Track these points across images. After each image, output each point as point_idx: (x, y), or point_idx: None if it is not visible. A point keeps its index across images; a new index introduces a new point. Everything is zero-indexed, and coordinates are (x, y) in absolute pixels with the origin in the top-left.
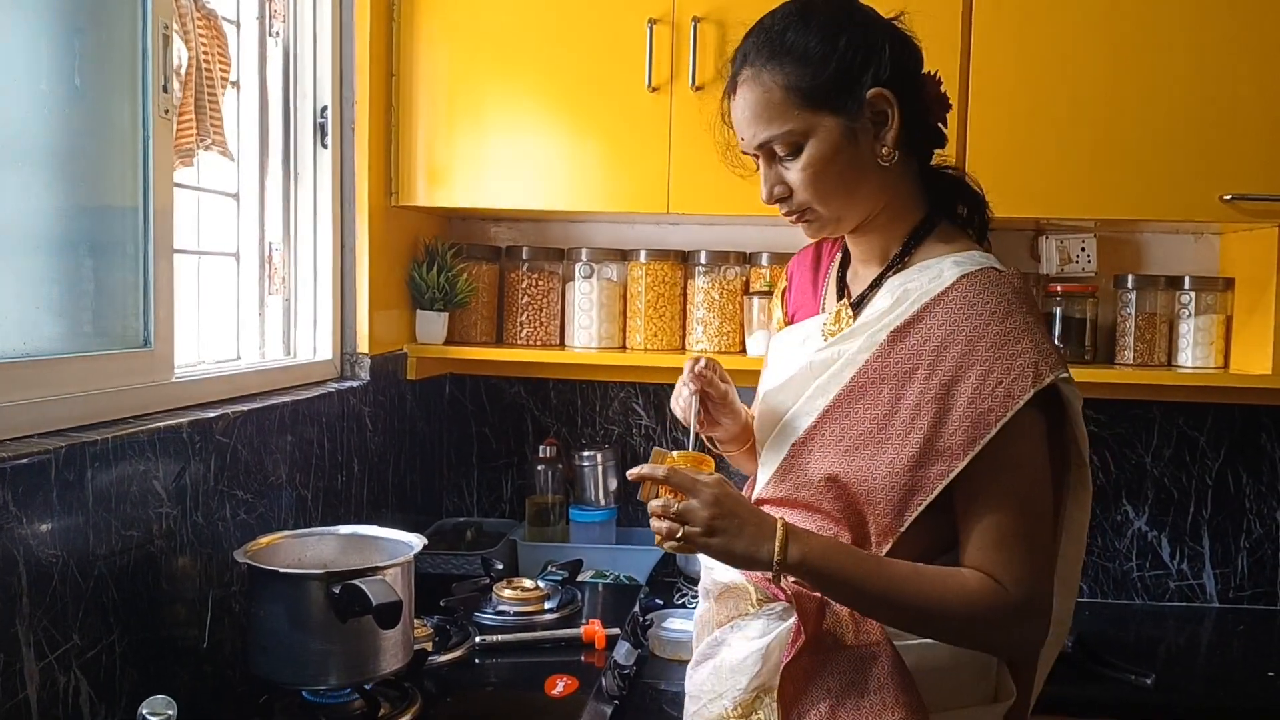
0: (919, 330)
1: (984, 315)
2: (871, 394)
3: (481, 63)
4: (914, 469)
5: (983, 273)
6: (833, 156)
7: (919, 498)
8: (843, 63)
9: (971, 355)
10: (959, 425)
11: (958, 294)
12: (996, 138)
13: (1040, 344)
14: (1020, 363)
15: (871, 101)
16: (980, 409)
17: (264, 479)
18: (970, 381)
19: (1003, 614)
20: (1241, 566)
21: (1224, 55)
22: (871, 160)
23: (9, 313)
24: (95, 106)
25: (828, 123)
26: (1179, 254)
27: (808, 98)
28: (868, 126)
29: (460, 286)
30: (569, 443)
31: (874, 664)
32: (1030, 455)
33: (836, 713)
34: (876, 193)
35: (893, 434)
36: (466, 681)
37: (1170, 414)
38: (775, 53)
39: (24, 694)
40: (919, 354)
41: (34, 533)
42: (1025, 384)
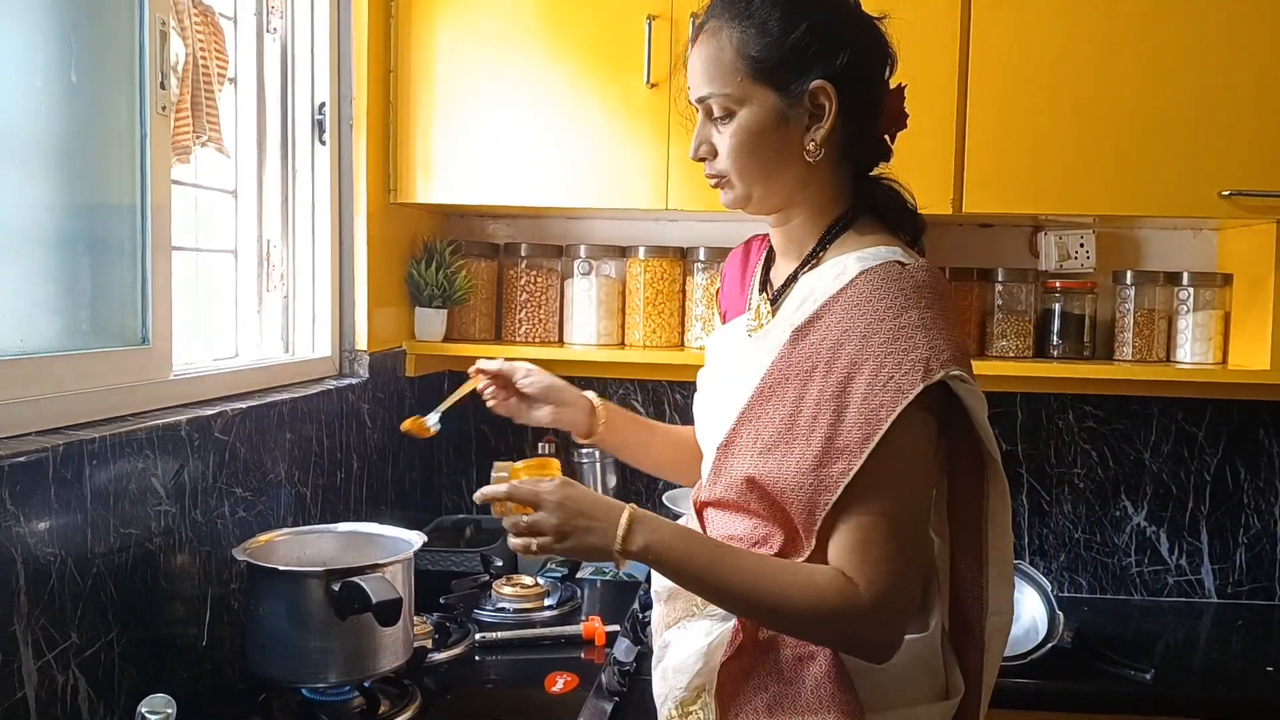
0: (818, 328)
1: (879, 310)
2: (778, 395)
3: (480, 59)
4: (818, 468)
5: (884, 267)
6: (759, 133)
7: (825, 496)
8: (797, 44)
9: (865, 351)
10: (854, 422)
11: (855, 290)
12: (995, 134)
13: (935, 340)
14: (911, 358)
15: (812, 92)
16: (872, 404)
17: (263, 476)
18: (864, 378)
19: (850, 614)
20: (1240, 562)
21: (1222, 51)
22: (797, 150)
23: (6, 310)
24: (92, 103)
25: (765, 98)
26: (1177, 250)
27: (754, 66)
28: (803, 116)
29: (459, 283)
30: (567, 439)
31: (811, 663)
32: (910, 456)
33: (773, 711)
34: (796, 183)
35: (798, 434)
36: (466, 679)
37: (1169, 410)
38: (739, 13)
39: (22, 693)
40: (818, 352)
41: (32, 531)
42: (914, 379)
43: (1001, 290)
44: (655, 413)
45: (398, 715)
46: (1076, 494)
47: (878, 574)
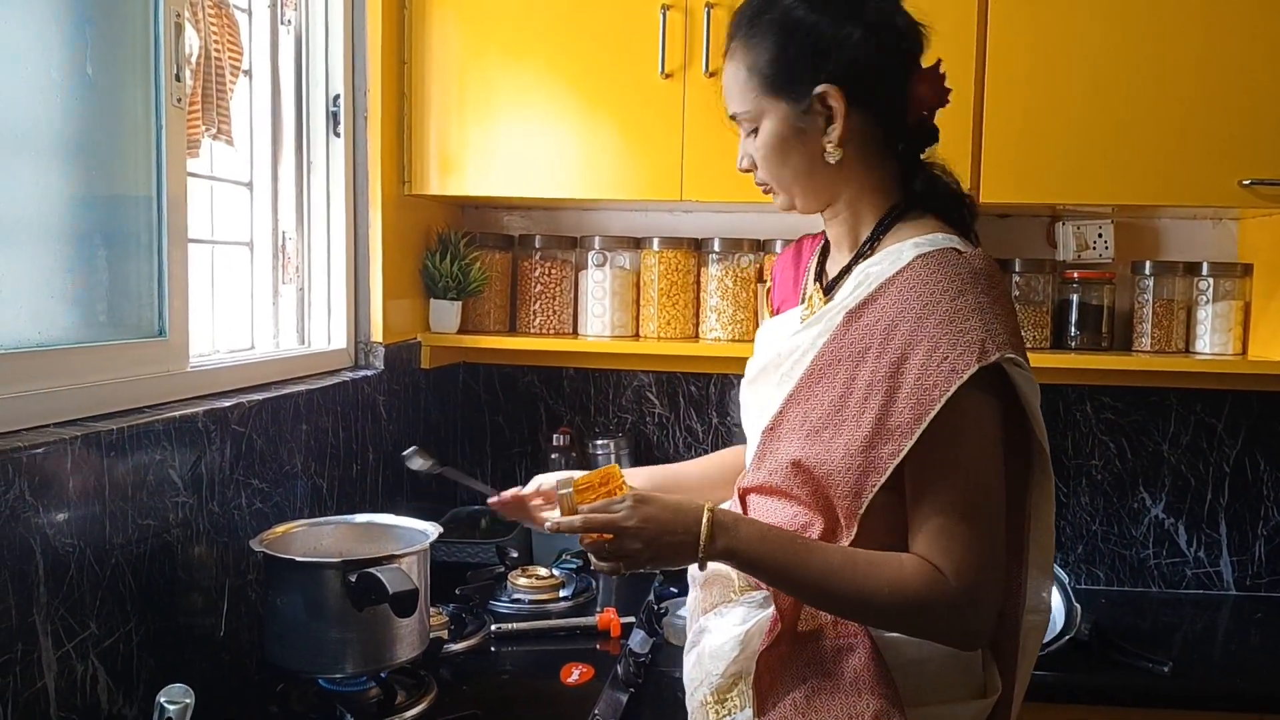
0: (872, 311)
1: (935, 293)
2: (829, 377)
3: (493, 50)
4: (867, 449)
5: (940, 253)
6: (780, 143)
7: (873, 478)
8: (799, 53)
9: (920, 332)
10: (906, 403)
11: (911, 273)
12: (1012, 123)
13: (990, 324)
14: (966, 339)
15: (819, 97)
16: (925, 385)
17: (279, 468)
18: (918, 359)
19: (940, 603)
20: (1259, 554)
21: (1242, 39)
22: (819, 154)
23: (24, 303)
24: (107, 96)
25: (778, 110)
26: (1197, 240)
27: (765, 81)
28: (817, 120)
29: (473, 275)
30: (582, 431)
31: (850, 655)
32: (976, 439)
33: (811, 701)
34: (833, 182)
35: (848, 416)
36: (482, 669)
37: (1188, 401)
38: (749, 32)
39: (42, 683)
40: (871, 334)
41: (50, 522)
42: (969, 360)
43: (1019, 281)
44: (669, 405)
45: (414, 706)
46: (1094, 486)
47: (964, 561)
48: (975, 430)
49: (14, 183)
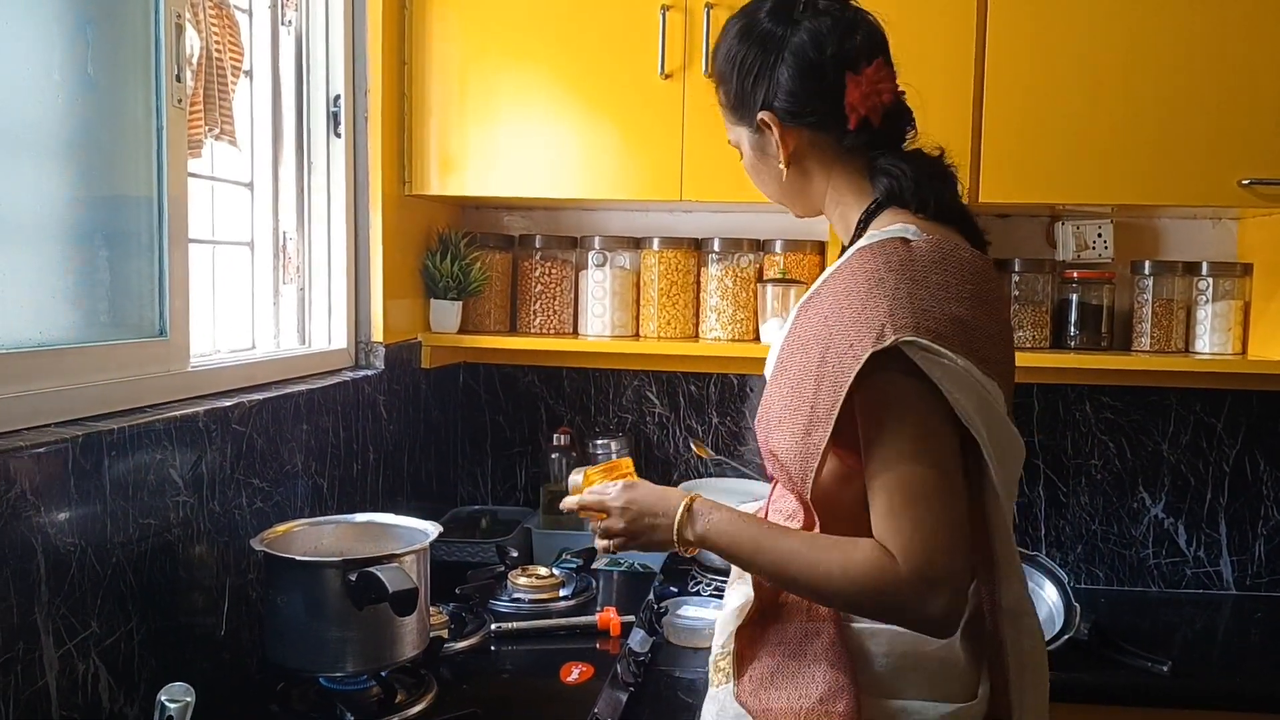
0: (815, 303)
1: (856, 282)
2: (786, 369)
3: (494, 51)
4: (804, 436)
5: (881, 243)
6: (752, 164)
7: (810, 463)
8: (740, 84)
9: (836, 320)
10: (825, 390)
11: (847, 265)
12: (1012, 123)
13: (899, 307)
14: (870, 325)
15: (760, 122)
16: (836, 371)
17: (280, 467)
18: (834, 346)
19: (888, 585)
20: (1259, 553)
21: (1241, 38)
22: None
23: (26, 303)
24: (108, 96)
25: (743, 134)
26: (1196, 239)
27: (729, 112)
28: (769, 141)
29: (474, 275)
30: (583, 431)
31: (816, 638)
32: (909, 422)
33: (775, 676)
34: (804, 192)
35: (796, 404)
36: (482, 668)
37: (1187, 400)
38: (715, 69)
39: (43, 681)
40: (811, 326)
41: (52, 521)
42: (866, 344)
43: (1018, 280)
44: (669, 404)
45: (414, 704)
46: (1094, 485)
47: (911, 542)
48: (904, 413)
49: (15, 183)
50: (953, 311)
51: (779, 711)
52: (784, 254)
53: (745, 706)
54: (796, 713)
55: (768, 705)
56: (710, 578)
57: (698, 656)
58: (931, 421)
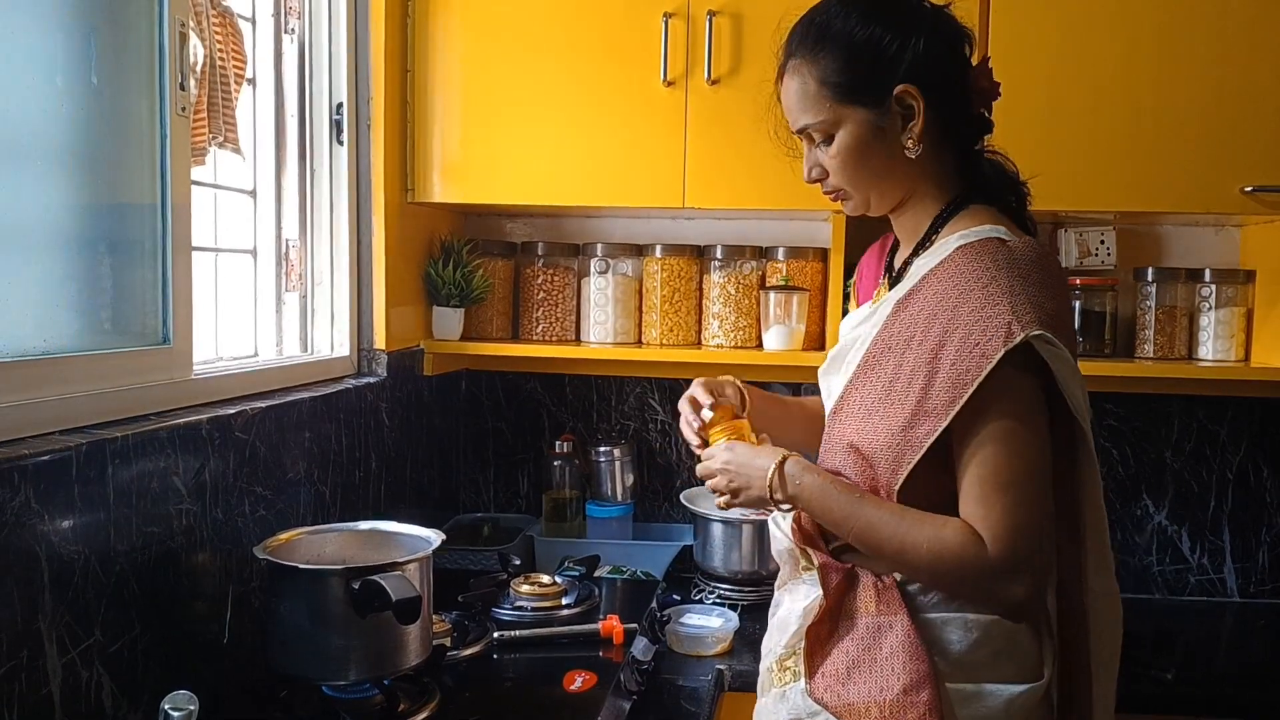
0: (916, 301)
1: (970, 281)
2: (881, 363)
3: (496, 59)
4: (906, 429)
5: (982, 242)
6: (860, 148)
7: (909, 455)
8: (872, 59)
9: (954, 320)
10: (943, 386)
11: (950, 264)
12: (1014, 130)
13: (1019, 306)
14: (995, 323)
15: (898, 97)
16: (959, 369)
17: (282, 475)
18: (953, 345)
19: (974, 564)
20: (1262, 561)
21: (1244, 45)
22: (899, 152)
23: (29, 310)
24: (112, 104)
25: (857, 115)
26: (1199, 246)
27: (838, 91)
28: (895, 121)
29: (476, 282)
30: (585, 438)
31: (889, 632)
32: (1012, 413)
33: (851, 673)
34: (905, 179)
35: (894, 399)
36: (485, 676)
37: (1190, 408)
38: (814, 46)
39: (47, 689)
40: (915, 323)
41: (56, 529)
42: (997, 344)
43: None
44: (672, 412)
45: (417, 713)
46: None
47: (1001, 528)
48: (1010, 404)
49: (19, 191)
50: (1056, 308)
51: (861, 706)
52: (787, 261)
53: (823, 704)
54: (880, 705)
55: (849, 700)
56: (713, 585)
57: (701, 665)
58: (1032, 414)
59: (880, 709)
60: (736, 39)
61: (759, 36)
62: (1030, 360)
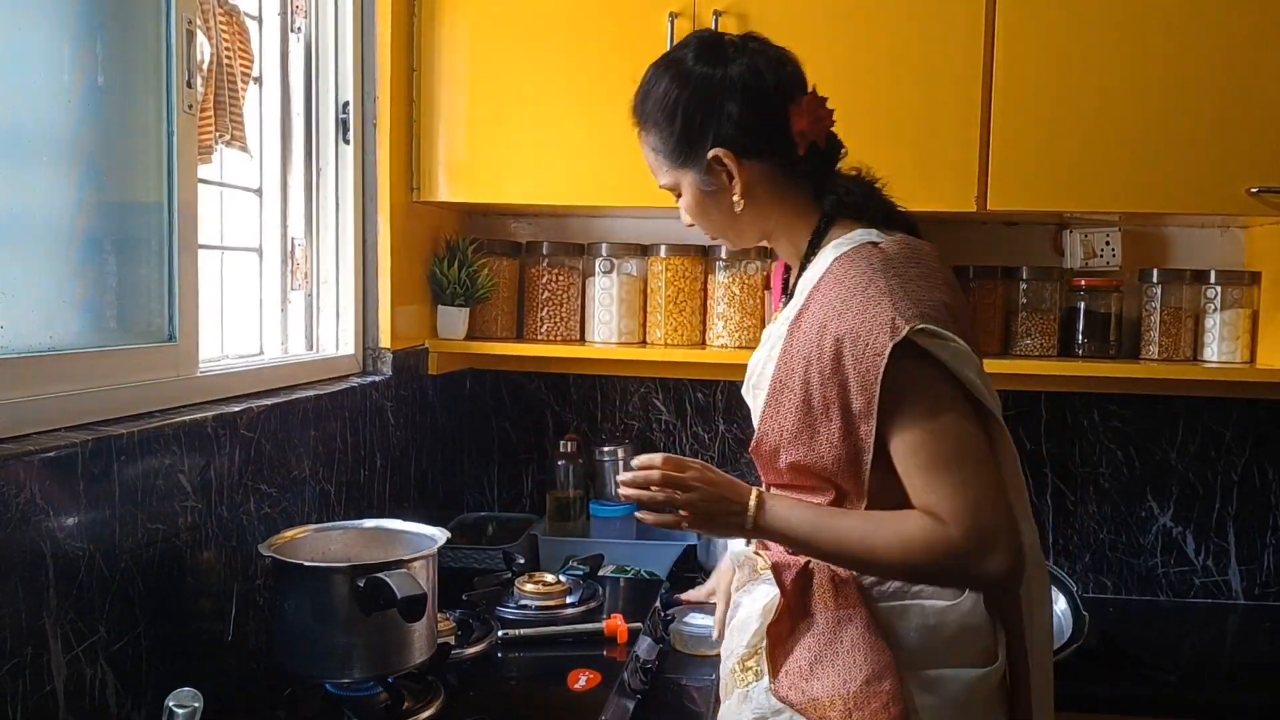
0: (806, 317)
1: (850, 287)
2: (789, 386)
3: (502, 58)
4: (847, 436)
5: (855, 249)
6: (698, 204)
7: (865, 456)
8: (684, 129)
9: (843, 325)
10: (856, 390)
11: (830, 275)
12: (1020, 131)
13: (899, 301)
14: (879, 321)
15: (713, 160)
16: (861, 370)
17: (287, 473)
18: (847, 349)
19: (944, 550)
20: (1267, 563)
21: (1250, 47)
22: (731, 205)
23: (35, 308)
24: (119, 102)
25: (687, 178)
26: (1205, 248)
27: (668, 158)
28: (720, 177)
29: (481, 282)
30: (589, 438)
31: (849, 625)
32: (929, 398)
33: (814, 668)
34: (754, 222)
35: (817, 415)
36: (489, 675)
37: (1195, 409)
38: (642, 117)
39: (51, 686)
40: (809, 338)
41: (61, 526)
42: (884, 339)
43: (1026, 289)
44: (676, 412)
45: (421, 711)
46: (1102, 494)
47: (955, 503)
48: (923, 391)
49: (26, 188)
50: (937, 297)
51: (825, 700)
52: None
53: (787, 701)
54: (845, 698)
55: (813, 695)
56: None
57: (705, 664)
58: (945, 396)
59: (845, 701)
60: None
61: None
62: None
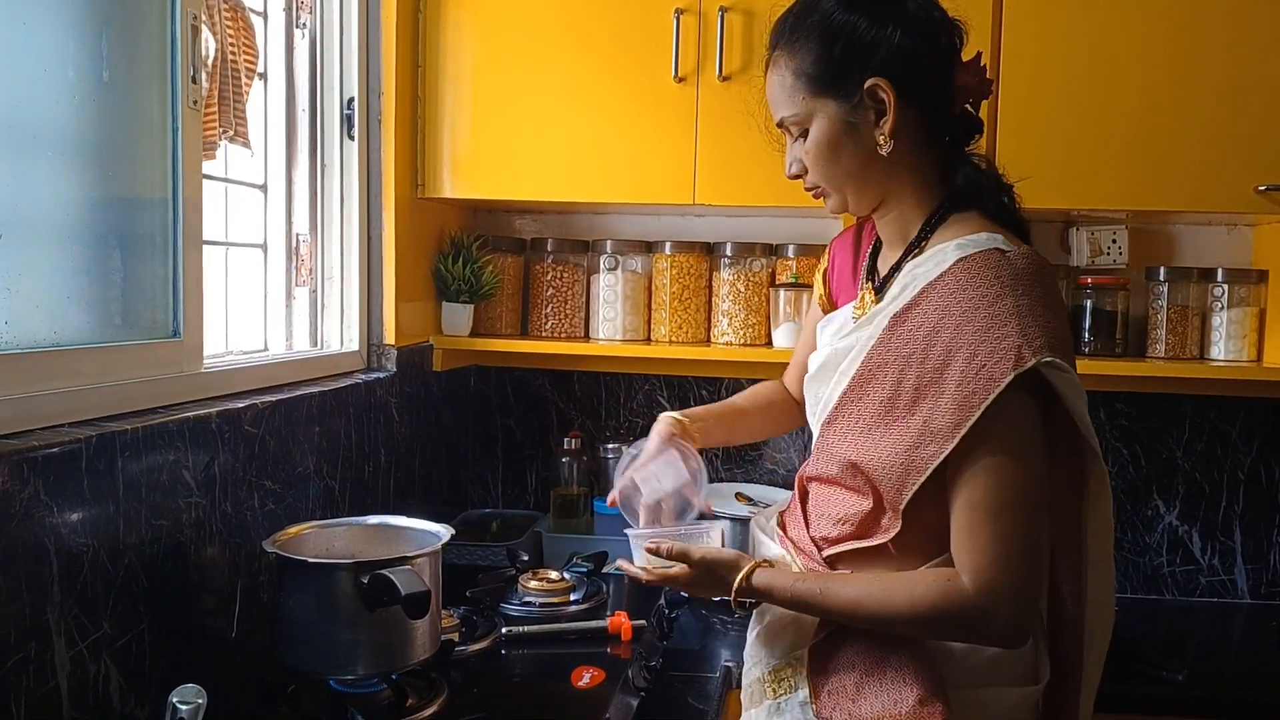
0: (916, 315)
1: (974, 298)
2: (878, 379)
3: (507, 54)
4: (911, 450)
5: (982, 255)
6: (831, 142)
7: (914, 477)
8: (845, 51)
9: (959, 339)
10: (948, 408)
11: (952, 278)
12: (1027, 127)
13: (1028, 328)
14: (1004, 345)
15: (869, 90)
16: (965, 391)
17: (291, 469)
18: (958, 365)
19: (954, 612)
20: (1274, 562)
21: (1258, 44)
22: (873, 148)
23: (40, 304)
24: (124, 98)
25: (829, 109)
26: (1212, 246)
27: (812, 83)
28: (868, 115)
29: (485, 278)
30: (593, 435)
31: (897, 647)
32: (1012, 439)
33: (860, 689)
34: (884, 178)
35: (896, 417)
36: (492, 672)
37: (1202, 408)
38: (792, 37)
39: (54, 682)
40: (915, 339)
41: (65, 521)
42: (1006, 367)
43: None
44: (681, 408)
45: (425, 707)
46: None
47: (984, 560)
48: (1011, 431)
49: (31, 184)
50: (1059, 325)
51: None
52: (797, 258)
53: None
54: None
55: (861, 717)
56: None
57: (709, 662)
58: (1029, 439)
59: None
60: (748, 35)
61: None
62: (1034, 384)
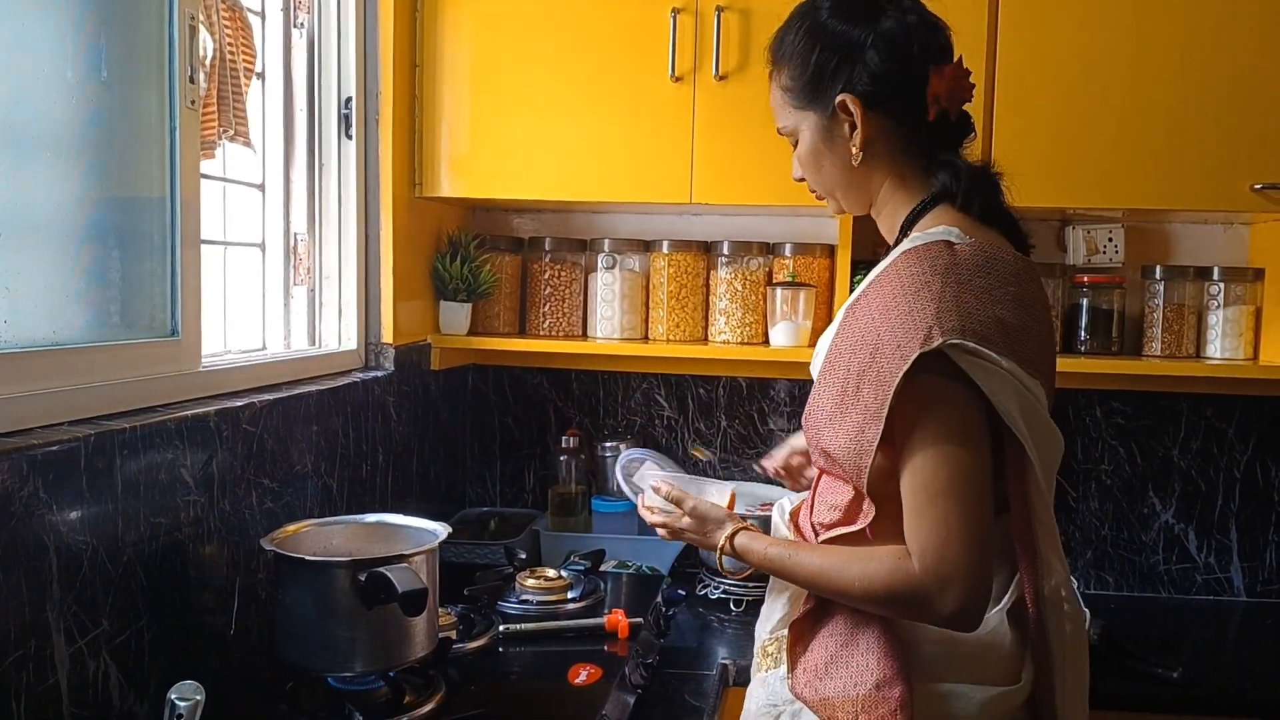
0: (860, 306)
1: (903, 284)
2: (834, 369)
3: (505, 53)
4: (859, 434)
5: (926, 246)
6: (814, 151)
7: (864, 460)
8: (817, 67)
9: (884, 322)
10: (874, 390)
11: (893, 268)
12: (1023, 126)
13: (945, 311)
14: (916, 326)
15: (839, 104)
16: (884, 372)
17: (290, 468)
18: (883, 348)
19: (904, 589)
20: (1270, 560)
21: (1254, 43)
22: (848, 157)
23: (38, 302)
24: (122, 97)
25: (810, 120)
26: (1208, 244)
27: (795, 97)
28: (843, 126)
29: (483, 277)
30: (591, 433)
31: (867, 629)
32: (944, 422)
33: (829, 666)
34: (865, 183)
35: (848, 404)
36: (490, 670)
37: (1198, 406)
38: (777, 55)
39: (54, 679)
40: (858, 328)
41: (64, 520)
42: (913, 346)
43: None
44: (678, 407)
45: (423, 705)
46: (1104, 490)
47: (927, 543)
48: (939, 414)
49: (29, 183)
50: (997, 314)
51: (836, 700)
52: (794, 257)
53: (802, 698)
54: (853, 700)
55: (825, 695)
56: (718, 580)
57: (706, 660)
58: (965, 423)
59: (852, 704)
60: (745, 35)
61: (767, 33)
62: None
